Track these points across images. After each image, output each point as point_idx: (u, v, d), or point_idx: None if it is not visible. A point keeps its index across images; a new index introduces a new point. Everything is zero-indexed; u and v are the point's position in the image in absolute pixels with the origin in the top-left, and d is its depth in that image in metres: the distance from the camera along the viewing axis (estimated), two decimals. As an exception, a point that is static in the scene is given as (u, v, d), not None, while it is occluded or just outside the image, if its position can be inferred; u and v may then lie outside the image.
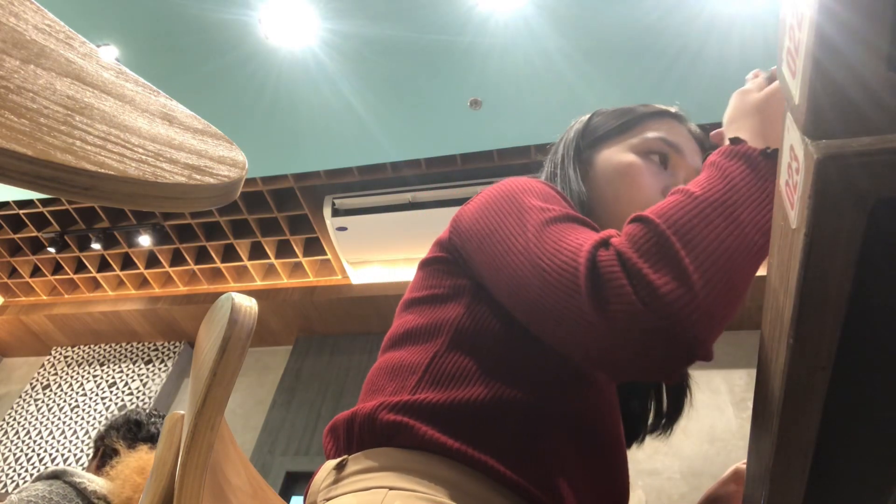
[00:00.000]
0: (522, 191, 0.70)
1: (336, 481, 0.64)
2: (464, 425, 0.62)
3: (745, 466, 0.79)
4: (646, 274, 0.52)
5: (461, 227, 0.73)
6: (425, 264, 0.77)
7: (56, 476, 1.67)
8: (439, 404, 0.63)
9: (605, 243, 0.57)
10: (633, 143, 0.85)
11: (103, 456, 1.82)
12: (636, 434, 0.85)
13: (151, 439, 1.84)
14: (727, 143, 0.65)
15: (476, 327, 0.68)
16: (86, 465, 3.35)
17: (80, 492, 1.64)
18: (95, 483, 1.68)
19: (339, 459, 0.65)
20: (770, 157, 0.61)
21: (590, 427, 0.68)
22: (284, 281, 4.36)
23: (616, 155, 0.85)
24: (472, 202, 0.74)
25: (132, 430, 1.86)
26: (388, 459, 0.62)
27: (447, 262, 0.74)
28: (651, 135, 0.85)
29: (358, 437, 0.66)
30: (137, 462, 1.70)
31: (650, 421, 0.86)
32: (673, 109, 0.91)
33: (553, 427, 0.64)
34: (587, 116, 0.92)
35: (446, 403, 0.63)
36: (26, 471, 4.26)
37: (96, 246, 4.22)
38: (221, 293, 0.69)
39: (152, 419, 1.91)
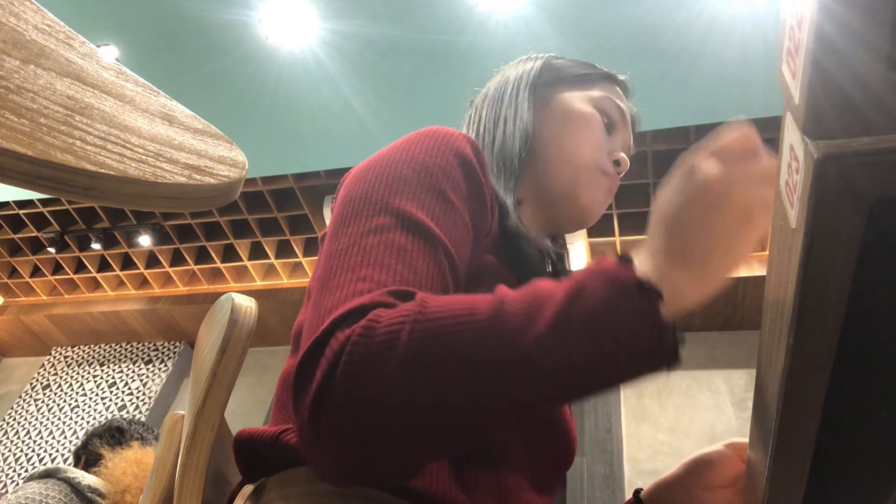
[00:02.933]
0: (403, 176, 0.60)
1: None
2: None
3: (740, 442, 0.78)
4: (334, 385, 0.43)
5: (339, 194, 0.66)
6: (322, 240, 0.67)
7: (49, 475, 1.68)
8: None
9: (359, 312, 0.47)
10: (592, 96, 0.85)
11: (86, 463, 1.83)
12: None
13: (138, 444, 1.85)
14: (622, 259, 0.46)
15: None
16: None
17: (75, 487, 1.65)
18: (89, 478, 1.69)
19: (256, 484, 0.60)
20: (664, 335, 0.43)
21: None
22: (284, 281, 4.36)
23: (577, 101, 0.84)
24: (365, 161, 0.67)
25: (115, 437, 1.88)
26: (303, 483, 0.56)
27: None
28: (606, 95, 0.85)
29: (268, 459, 0.60)
30: (134, 455, 1.72)
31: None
32: (622, 77, 0.91)
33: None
34: (545, 55, 0.90)
35: None
36: (26, 471, 4.26)
37: (96, 246, 4.22)
38: (221, 293, 0.69)
39: (133, 426, 1.93)
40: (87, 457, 1.84)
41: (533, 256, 0.71)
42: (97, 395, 4.53)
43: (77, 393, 4.58)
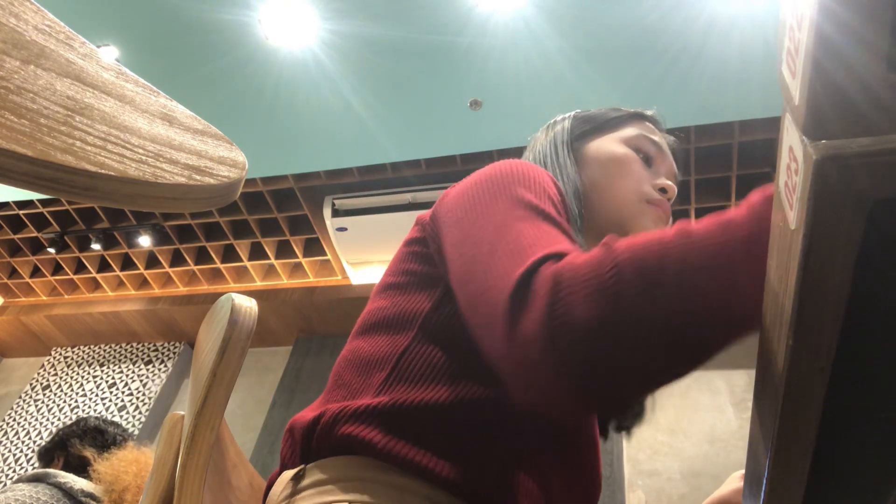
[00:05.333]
0: (517, 177, 0.66)
1: (293, 494, 0.60)
2: (427, 431, 0.59)
3: None
4: (563, 307, 0.47)
5: (442, 207, 0.70)
6: (406, 243, 0.75)
7: (38, 479, 1.66)
8: (405, 407, 0.60)
9: (556, 256, 0.51)
10: (622, 136, 0.88)
11: (66, 465, 1.80)
12: (604, 429, 0.83)
13: (115, 444, 1.83)
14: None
15: (447, 322, 0.64)
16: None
17: (67, 492, 1.63)
18: (80, 482, 1.67)
19: (296, 470, 0.62)
20: None
21: (561, 425, 0.66)
22: (284, 281, 4.36)
23: (608, 145, 0.88)
24: (462, 181, 0.71)
25: (97, 438, 1.86)
26: (347, 470, 0.59)
27: (424, 243, 0.71)
28: (638, 132, 0.89)
29: (316, 445, 0.62)
30: (131, 454, 1.70)
31: (616, 419, 0.83)
32: (650, 113, 0.95)
33: (522, 429, 0.62)
34: (571, 113, 0.95)
35: (412, 406, 0.60)
36: (26, 471, 4.26)
37: (96, 246, 4.22)
38: (221, 294, 0.69)
39: (110, 426, 1.92)
40: (66, 458, 1.81)
41: None
42: (97, 395, 4.53)
43: (77, 393, 4.58)
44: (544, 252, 0.52)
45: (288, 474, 0.63)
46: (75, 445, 1.81)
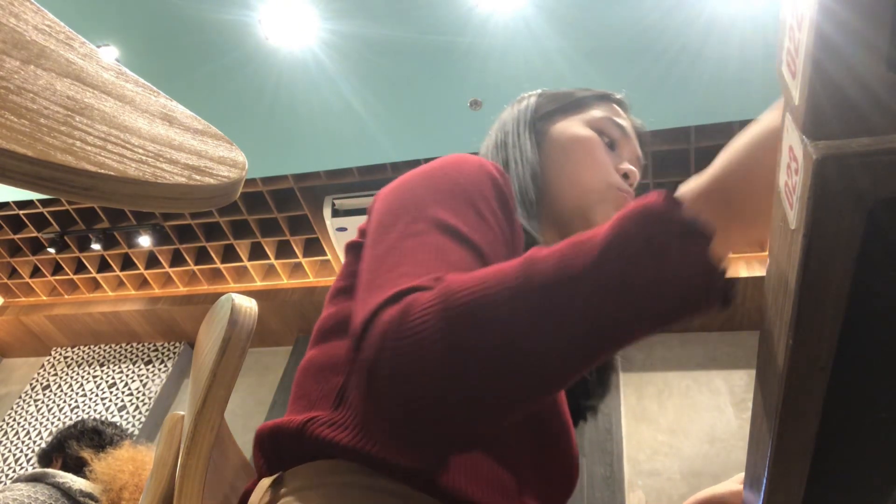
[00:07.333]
0: (437, 184, 0.64)
1: (272, 502, 0.59)
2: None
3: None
4: (385, 361, 0.46)
5: (373, 206, 0.68)
6: (349, 248, 0.73)
7: (37, 479, 1.66)
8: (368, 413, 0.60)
9: (402, 295, 0.50)
10: (587, 118, 0.87)
11: (64, 466, 1.80)
12: (575, 412, 0.81)
13: (112, 444, 1.83)
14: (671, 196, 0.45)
15: None
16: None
17: (65, 492, 1.63)
18: (79, 482, 1.67)
19: (273, 477, 0.61)
20: (718, 281, 0.42)
21: (534, 414, 0.65)
22: (284, 281, 4.36)
23: (572, 127, 0.86)
24: (398, 179, 0.69)
25: (94, 439, 1.86)
26: (325, 476, 0.58)
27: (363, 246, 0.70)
28: (603, 115, 0.87)
29: (290, 451, 0.61)
30: (127, 453, 1.70)
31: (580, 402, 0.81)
32: (618, 95, 0.93)
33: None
34: (538, 91, 0.93)
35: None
36: (26, 471, 4.26)
37: (96, 246, 4.22)
38: (221, 294, 0.69)
39: (108, 427, 1.92)
40: (64, 459, 1.81)
41: None
42: (97, 395, 4.53)
43: (77, 393, 4.58)
44: (389, 293, 0.50)
45: (266, 482, 0.62)
46: (72, 447, 1.81)
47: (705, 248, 0.42)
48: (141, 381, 4.54)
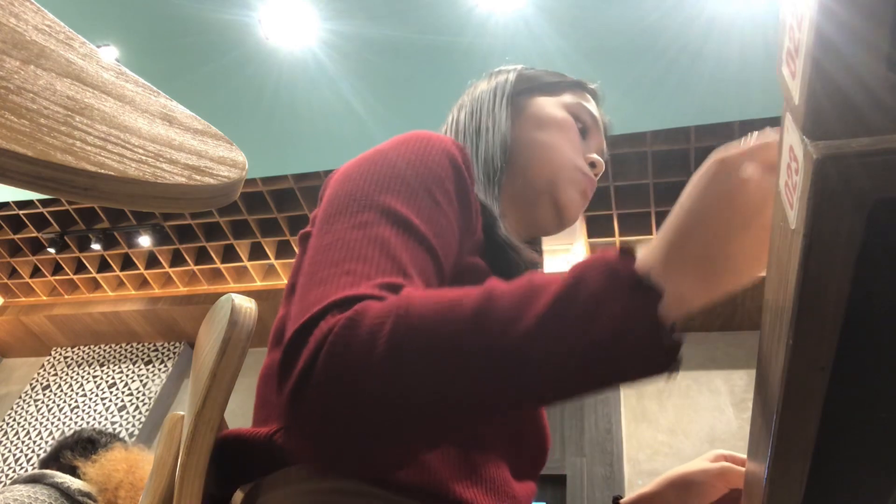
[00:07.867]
0: (393, 174, 0.61)
1: None
2: None
3: (732, 460, 0.78)
4: (317, 378, 0.44)
5: (324, 194, 0.67)
6: (301, 239, 0.69)
7: (35, 480, 1.67)
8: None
9: (346, 304, 0.47)
10: (565, 102, 0.88)
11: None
12: None
13: (104, 448, 1.84)
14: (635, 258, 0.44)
15: None
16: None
17: (64, 492, 1.63)
18: (77, 483, 1.67)
19: (250, 486, 0.60)
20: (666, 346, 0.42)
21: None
22: (284, 282, 4.36)
23: (550, 106, 0.87)
24: (351, 161, 0.67)
25: (87, 448, 1.86)
26: (299, 483, 0.56)
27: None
28: (578, 101, 0.88)
29: (261, 461, 0.59)
30: (120, 453, 1.71)
31: None
32: (592, 85, 0.94)
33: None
34: (518, 66, 0.94)
35: None
36: (26, 472, 4.26)
37: (96, 246, 4.22)
38: (221, 294, 0.69)
39: (103, 436, 1.92)
40: (58, 468, 1.82)
41: (521, 267, 0.73)
42: (97, 395, 4.53)
43: (77, 393, 4.58)
44: (333, 298, 0.48)
45: (240, 495, 0.61)
46: (66, 456, 1.81)
47: (654, 303, 0.42)
48: (141, 381, 4.54)
